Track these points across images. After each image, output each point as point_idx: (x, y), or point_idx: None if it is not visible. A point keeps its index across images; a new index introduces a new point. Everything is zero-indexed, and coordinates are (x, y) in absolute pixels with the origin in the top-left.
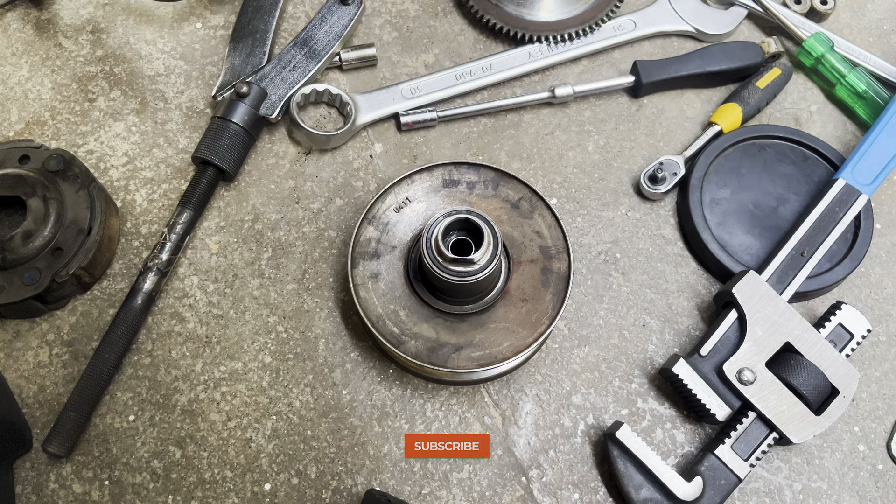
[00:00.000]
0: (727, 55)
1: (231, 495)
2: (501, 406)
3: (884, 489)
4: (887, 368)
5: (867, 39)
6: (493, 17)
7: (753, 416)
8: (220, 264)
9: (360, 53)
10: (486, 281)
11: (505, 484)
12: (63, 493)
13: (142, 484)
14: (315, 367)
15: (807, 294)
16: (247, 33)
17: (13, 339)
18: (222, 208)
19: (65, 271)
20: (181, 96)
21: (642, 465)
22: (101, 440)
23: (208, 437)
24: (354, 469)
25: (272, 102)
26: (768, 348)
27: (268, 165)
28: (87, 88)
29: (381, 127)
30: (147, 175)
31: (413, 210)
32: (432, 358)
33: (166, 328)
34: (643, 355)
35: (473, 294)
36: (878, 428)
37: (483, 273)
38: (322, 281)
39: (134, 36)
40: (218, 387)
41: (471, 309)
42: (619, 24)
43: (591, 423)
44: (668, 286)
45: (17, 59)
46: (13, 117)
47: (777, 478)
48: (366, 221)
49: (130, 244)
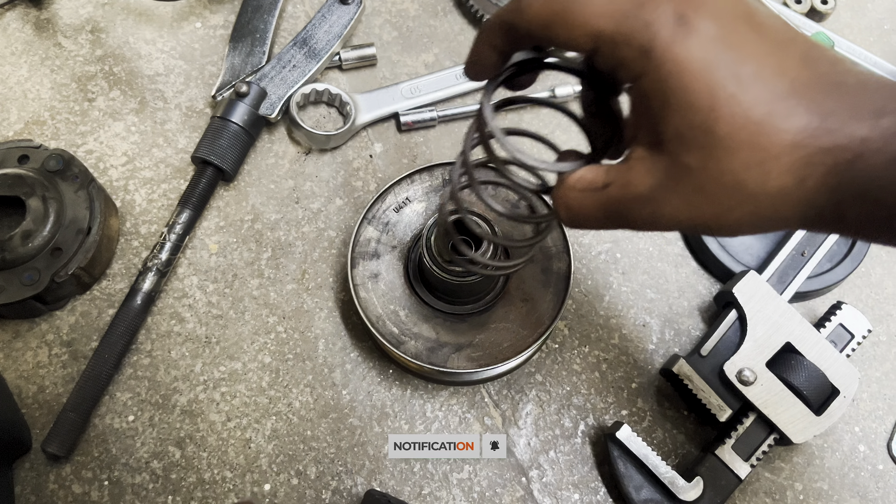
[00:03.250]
0: None
1: (231, 496)
2: (501, 406)
3: (884, 489)
4: (888, 368)
5: (867, 39)
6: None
7: (754, 417)
8: (219, 264)
9: (360, 53)
10: (486, 281)
11: (505, 484)
12: (62, 493)
13: (141, 484)
14: (315, 367)
15: (807, 294)
16: (246, 33)
17: (12, 339)
18: (222, 208)
19: (64, 271)
20: (181, 96)
21: (643, 465)
22: (100, 440)
23: (208, 438)
24: (354, 469)
25: (272, 102)
26: (769, 348)
27: (267, 165)
28: (87, 88)
29: (380, 127)
30: (146, 175)
31: (413, 210)
32: (432, 358)
33: (166, 328)
34: (643, 355)
35: (473, 294)
36: (879, 428)
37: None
38: (322, 281)
39: (133, 35)
40: (217, 387)
41: (471, 309)
42: None
43: (591, 423)
44: (669, 286)
45: (17, 59)
46: (12, 117)
47: (778, 478)
48: (366, 221)
49: (130, 244)
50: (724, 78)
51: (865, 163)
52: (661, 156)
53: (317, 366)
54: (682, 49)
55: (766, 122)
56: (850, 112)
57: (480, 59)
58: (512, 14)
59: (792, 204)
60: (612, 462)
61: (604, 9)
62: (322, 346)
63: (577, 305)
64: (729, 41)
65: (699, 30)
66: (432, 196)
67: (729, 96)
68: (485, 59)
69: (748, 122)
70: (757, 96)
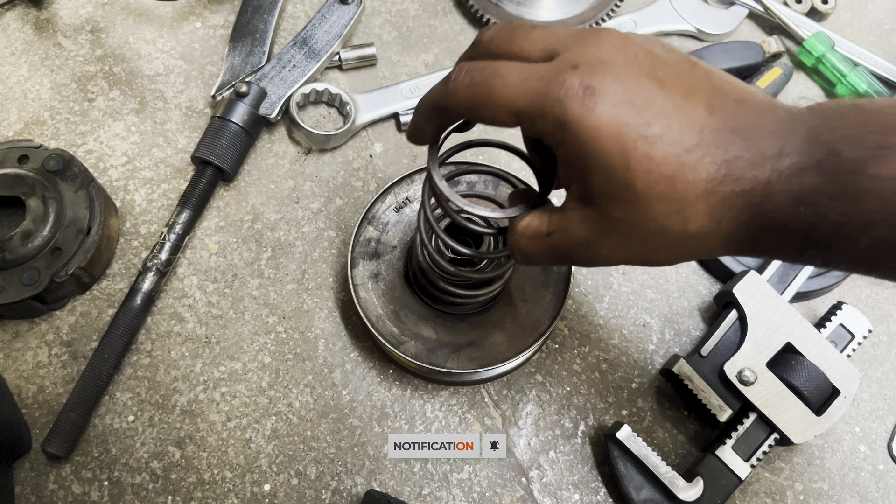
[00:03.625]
0: (728, 54)
1: (230, 496)
2: (502, 406)
3: (884, 490)
4: (888, 369)
5: (868, 39)
6: (493, 16)
7: (754, 417)
8: (219, 264)
9: (360, 53)
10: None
11: (505, 484)
12: (62, 493)
13: (141, 484)
14: (315, 367)
15: (808, 294)
16: (246, 33)
17: (12, 339)
18: (222, 208)
19: (64, 271)
20: (180, 96)
21: (643, 465)
22: (100, 441)
23: (208, 438)
24: (354, 469)
25: (272, 102)
26: (769, 348)
27: (267, 165)
28: (87, 88)
29: (380, 126)
30: (146, 175)
31: (413, 210)
32: (432, 358)
33: (165, 328)
34: (644, 355)
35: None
36: (879, 428)
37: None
38: (322, 281)
39: (133, 35)
40: (217, 387)
41: (471, 309)
42: (619, 23)
43: (591, 423)
44: (669, 286)
45: (17, 59)
46: (12, 117)
47: (778, 478)
48: (366, 221)
49: (130, 244)
50: (634, 139)
51: (772, 202)
52: (591, 208)
53: (317, 366)
54: (592, 118)
55: (678, 175)
56: (754, 157)
57: (420, 132)
58: (442, 98)
59: (713, 239)
60: (613, 462)
61: (519, 89)
62: (322, 347)
63: (577, 305)
64: (636, 103)
65: (606, 96)
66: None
67: (641, 156)
68: (424, 132)
69: (661, 176)
70: (666, 152)
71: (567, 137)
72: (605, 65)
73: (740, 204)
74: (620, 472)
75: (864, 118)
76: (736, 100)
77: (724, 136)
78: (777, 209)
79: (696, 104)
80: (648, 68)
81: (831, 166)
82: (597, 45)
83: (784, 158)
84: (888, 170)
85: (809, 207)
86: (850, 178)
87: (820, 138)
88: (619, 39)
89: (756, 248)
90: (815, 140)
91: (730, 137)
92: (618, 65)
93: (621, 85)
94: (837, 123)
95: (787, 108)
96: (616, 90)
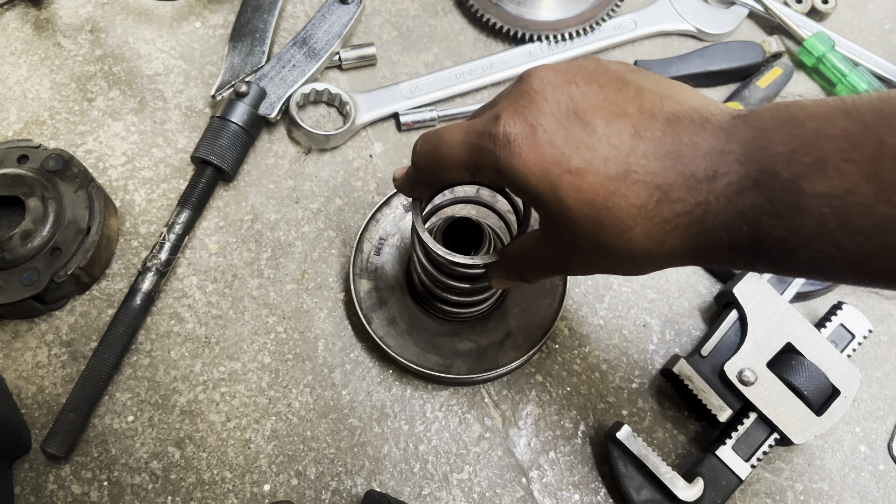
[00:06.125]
0: (728, 54)
1: (230, 496)
2: (502, 407)
3: (885, 490)
4: (888, 369)
5: (868, 39)
6: (493, 16)
7: (754, 417)
8: (219, 264)
9: (360, 52)
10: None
11: (505, 485)
12: (62, 493)
13: (141, 485)
14: (314, 367)
15: (808, 294)
16: (246, 32)
17: (12, 339)
18: (221, 208)
19: (63, 271)
20: (180, 96)
21: (643, 465)
22: (99, 441)
23: (207, 438)
24: (354, 470)
25: (271, 102)
26: (769, 349)
27: (267, 165)
28: (86, 88)
29: (380, 126)
30: (146, 175)
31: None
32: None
33: (165, 328)
34: (644, 355)
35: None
36: (880, 428)
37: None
38: (321, 281)
39: (133, 35)
40: (217, 387)
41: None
42: (619, 23)
43: (591, 423)
44: (669, 286)
45: (16, 59)
46: (12, 117)
47: (778, 478)
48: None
49: (129, 244)
50: (559, 175)
51: (715, 219)
52: (549, 235)
53: (316, 366)
54: (519, 162)
55: (611, 203)
56: (687, 181)
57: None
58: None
59: (662, 256)
60: (613, 462)
61: (461, 148)
62: (322, 347)
63: (577, 306)
64: (556, 141)
65: (527, 140)
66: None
67: (570, 188)
68: (407, 193)
69: (594, 204)
70: (593, 182)
71: (506, 181)
72: (525, 110)
73: (682, 223)
74: (620, 472)
75: (797, 130)
76: (667, 118)
77: (655, 161)
78: (720, 227)
79: (622, 129)
80: (569, 104)
81: (768, 185)
82: (520, 90)
83: (720, 179)
84: (823, 186)
85: (751, 225)
86: (788, 195)
87: (754, 157)
88: (542, 80)
89: (711, 260)
90: (750, 158)
91: (661, 162)
92: (536, 107)
93: (540, 126)
94: (772, 138)
95: (720, 119)
96: (534, 133)
